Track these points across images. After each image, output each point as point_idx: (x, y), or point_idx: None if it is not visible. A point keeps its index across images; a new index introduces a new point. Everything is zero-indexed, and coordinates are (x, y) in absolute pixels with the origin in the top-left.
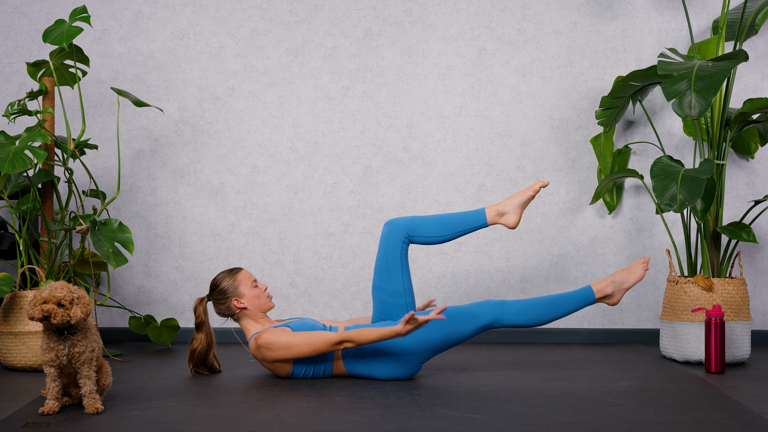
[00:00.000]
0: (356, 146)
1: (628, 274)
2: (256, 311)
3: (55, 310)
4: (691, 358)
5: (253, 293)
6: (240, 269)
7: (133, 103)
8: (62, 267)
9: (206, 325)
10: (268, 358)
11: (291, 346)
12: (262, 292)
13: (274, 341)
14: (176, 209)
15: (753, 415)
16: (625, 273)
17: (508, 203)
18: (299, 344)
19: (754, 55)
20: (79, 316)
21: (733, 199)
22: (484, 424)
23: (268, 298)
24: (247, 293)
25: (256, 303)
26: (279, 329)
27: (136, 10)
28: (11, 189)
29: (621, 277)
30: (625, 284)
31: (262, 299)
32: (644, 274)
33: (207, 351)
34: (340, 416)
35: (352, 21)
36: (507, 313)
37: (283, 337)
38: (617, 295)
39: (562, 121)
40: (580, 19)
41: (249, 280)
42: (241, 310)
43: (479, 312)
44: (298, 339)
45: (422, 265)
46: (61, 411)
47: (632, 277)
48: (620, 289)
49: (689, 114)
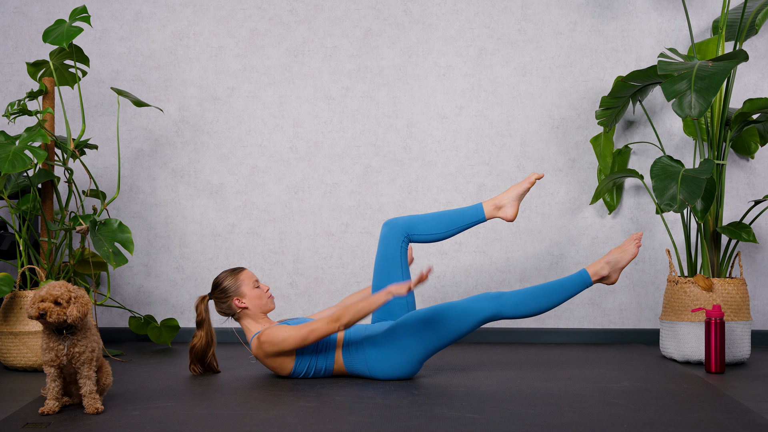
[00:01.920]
0: (356, 146)
1: (621, 253)
2: (257, 311)
3: (51, 308)
4: (691, 358)
5: (254, 293)
6: (243, 269)
7: (133, 103)
8: (62, 267)
9: (207, 323)
10: (271, 352)
11: (290, 336)
12: (264, 292)
13: (275, 334)
14: (176, 209)
15: (753, 415)
16: (619, 252)
17: (504, 196)
18: (299, 332)
19: (754, 55)
20: (75, 315)
21: (733, 199)
22: (484, 424)
23: (270, 299)
24: (248, 293)
25: (258, 303)
26: (279, 326)
27: (136, 10)
28: (11, 189)
29: (615, 256)
30: (620, 263)
31: (263, 300)
32: (637, 252)
33: (206, 349)
34: (340, 416)
35: (352, 21)
36: (506, 305)
37: (283, 329)
38: (613, 275)
39: (562, 121)
40: (580, 19)
41: (251, 280)
42: (242, 310)
43: (477, 306)
44: (298, 328)
45: (422, 265)
46: (61, 411)
47: (626, 255)
48: (616, 269)
49: (689, 114)
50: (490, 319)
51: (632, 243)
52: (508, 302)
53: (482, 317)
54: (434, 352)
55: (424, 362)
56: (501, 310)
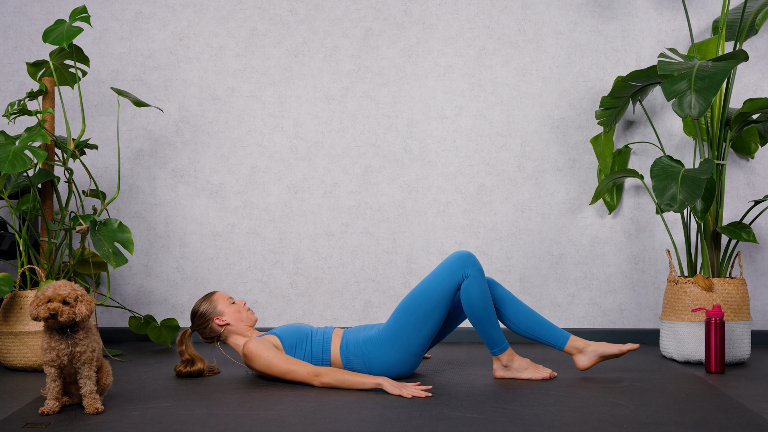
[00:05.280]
0: (356, 146)
1: (607, 347)
2: (240, 325)
3: (61, 308)
4: (691, 358)
5: (232, 309)
6: (214, 292)
7: (133, 103)
8: (62, 267)
9: (195, 357)
10: (252, 368)
11: (270, 366)
12: (242, 306)
13: (256, 354)
14: (176, 209)
15: (753, 415)
16: (606, 346)
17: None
18: (280, 367)
19: (754, 55)
20: (84, 313)
21: (733, 199)
22: (484, 424)
23: (249, 312)
24: (226, 310)
25: (238, 317)
26: (265, 341)
27: (136, 10)
28: (11, 189)
29: (603, 348)
30: (601, 352)
31: (243, 313)
32: (621, 352)
33: (200, 373)
34: (340, 416)
35: (352, 21)
36: (474, 267)
37: (265, 352)
38: (584, 361)
39: (562, 121)
40: (580, 19)
41: (225, 299)
42: (225, 327)
43: (440, 276)
44: (279, 361)
45: (422, 264)
46: (61, 411)
47: (612, 349)
48: (595, 355)
49: (689, 114)
50: (459, 282)
51: (621, 347)
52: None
53: (453, 285)
54: (429, 339)
55: (422, 356)
56: (469, 274)
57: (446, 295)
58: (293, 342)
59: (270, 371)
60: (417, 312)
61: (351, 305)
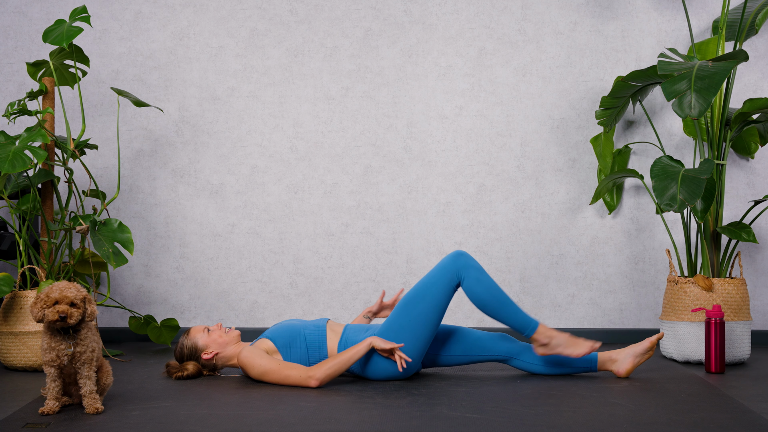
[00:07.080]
0: (356, 146)
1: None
2: (227, 348)
3: (70, 311)
4: (691, 358)
5: (212, 337)
6: (188, 329)
7: (133, 103)
8: (62, 267)
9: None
10: (249, 376)
11: (265, 374)
12: (219, 329)
13: (249, 365)
14: (176, 209)
15: (753, 415)
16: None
17: (622, 351)
18: (273, 374)
19: (754, 55)
20: (96, 313)
21: (733, 199)
22: (484, 424)
23: (229, 331)
24: (206, 341)
25: (221, 342)
26: (257, 349)
27: (136, 10)
28: (11, 189)
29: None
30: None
31: (224, 337)
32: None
33: (197, 375)
34: (340, 416)
35: (352, 21)
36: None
37: (257, 361)
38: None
39: (562, 121)
40: (580, 19)
41: (199, 331)
42: (215, 356)
43: (435, 277)
44: (273, 368)
45: (422, 264)
46: (61, 411)
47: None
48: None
49: (689, 114)
50: (455, 283)
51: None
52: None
53: (449, 281)
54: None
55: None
56: (462, 274)
57: (442, 295)
58: (287, 342)
59: (265, 379)
60: (413, 313)
61: (351, 305)
